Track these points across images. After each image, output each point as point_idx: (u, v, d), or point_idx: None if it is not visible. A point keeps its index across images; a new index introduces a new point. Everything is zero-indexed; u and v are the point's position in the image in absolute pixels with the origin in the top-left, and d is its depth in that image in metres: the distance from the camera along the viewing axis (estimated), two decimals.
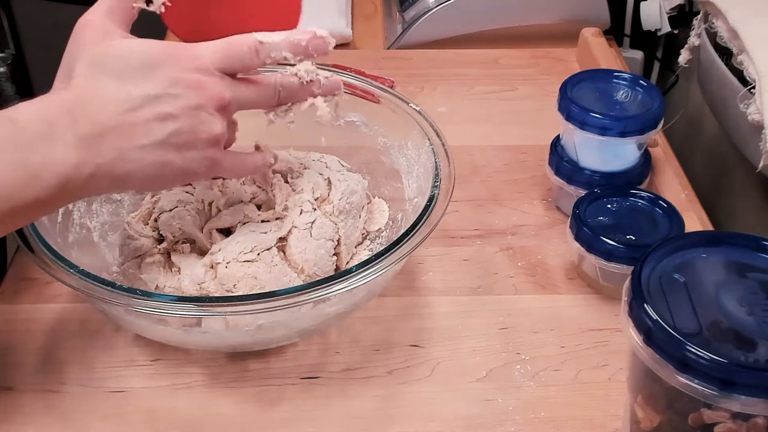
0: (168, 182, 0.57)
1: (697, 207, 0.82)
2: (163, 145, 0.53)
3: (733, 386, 0.45)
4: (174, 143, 0.53)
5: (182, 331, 0.61)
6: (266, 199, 0.70)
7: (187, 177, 0.56)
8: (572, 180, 0.78)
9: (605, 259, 0.68)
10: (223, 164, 0.58)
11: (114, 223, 0.72)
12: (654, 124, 0.75)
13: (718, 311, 0.49)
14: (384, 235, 0.73)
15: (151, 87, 0.52)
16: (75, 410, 0.62)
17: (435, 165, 0.67)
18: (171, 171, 0.54)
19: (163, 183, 0.57)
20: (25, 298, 0.71)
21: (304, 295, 0.56)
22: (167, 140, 0.53)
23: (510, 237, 0.79)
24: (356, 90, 0.76)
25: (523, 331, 0.69)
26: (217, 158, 0.57)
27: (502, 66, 1.05)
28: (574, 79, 0.79)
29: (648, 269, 0.52)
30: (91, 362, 0.66)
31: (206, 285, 0.64)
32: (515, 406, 0.63)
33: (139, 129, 0.52)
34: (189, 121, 0.53)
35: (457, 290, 0.73)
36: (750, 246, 0.54)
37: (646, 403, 0.53)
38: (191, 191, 0.70)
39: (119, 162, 0.52)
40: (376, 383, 0.65)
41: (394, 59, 1.06)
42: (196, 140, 0.54)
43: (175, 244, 0.68)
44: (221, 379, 0.65)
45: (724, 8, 0.81)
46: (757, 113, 0.73)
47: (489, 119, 0.95)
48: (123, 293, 0.56)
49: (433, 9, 1.08)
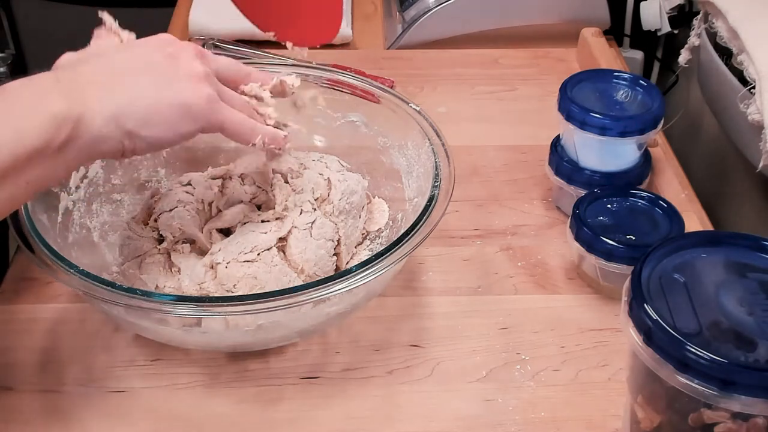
0: (169, 117, 0.55)
1: (697, 207, 0.82)
2: (145, 75, 0.55)
3: (733, 386, 0.45)
4: (156, 75, 0.55)
5: (182, 331, 0.61)
6: (266, 199, 0.70)
7: (188, 110, 0.56)
8: (572, 180, 0.78)
9: (605, 259, 0.68)
10: (224, 107, 0.58)
11: (114, 223, 0.72)
12: (654, 124, 0.75)
13: (718, 311, 0.49)
14: (384, 235, 0.73)
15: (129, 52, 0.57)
16: (75, 410, 0.62)
17: (435, 165, 0.67)
18: (167, 102, 0.55)
19: (164, 118, 0.55)
20: (25, 298, 0.71)
21: (304, 295, 0.56)
22: (148, 72, 0.55)
23: (510, 237, 0.79)
24: (356, 90, 0.76)
25: (523, 331, 0.69)
26: (215, 95, 0.58)
27: (502, 66, 1.05)
28: (574, 79, 0.79)
29: (648, 269, 0.52)
30: (91, 362, 0.66)
31: (206, 285, 0.64)
32: (515, 406, 0.63)
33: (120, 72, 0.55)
34: (166, 60, 0.56)
35: (457, 290, 0.73)
36: (750, 246, 0.54)
37: (646, 403, 0.53)
38: (191, 191, 0.70)
39: (107, 97, 0.53)
40: (376, 383, 0.65)
41: (394, 59, 1.06)
42: (178, 73, 0.56)
43: (175, 244, 0.68)
44: (221, 379, 0.65)
45: (724, 8, 0.81)
46: (757, 113, 0.73)
47: (489, 119, 0.95)
48: (123, 293, 0.56)
49: (433, 9, 1.08)
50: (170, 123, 0.56)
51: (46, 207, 0.65)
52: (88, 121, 0.52)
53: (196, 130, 0.57)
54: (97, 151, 0.53)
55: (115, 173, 0.74)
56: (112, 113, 0.53)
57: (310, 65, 0.86)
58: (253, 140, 0.61)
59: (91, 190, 0.71)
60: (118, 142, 0.53)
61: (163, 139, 0.56)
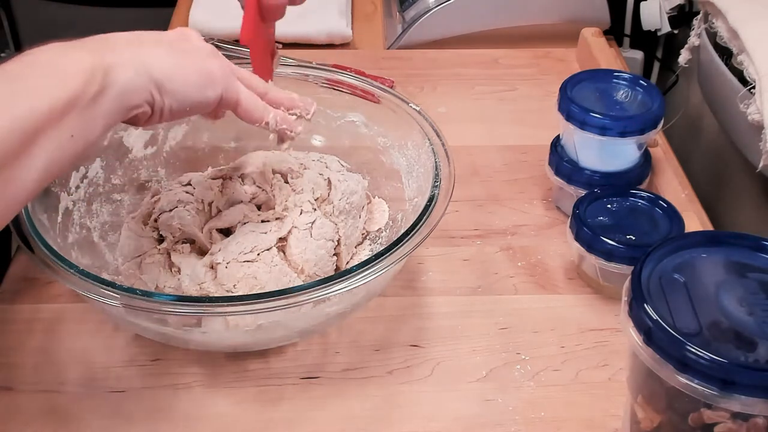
0: (194, 79, 0.56)
1: (697, 207, 0.82)
2: (162, 47, 0.55)
3: (733, 386, 0.45)
4: (173, 48, 0.56)
5: (182, 331, 0.61)
6: (266, 199, 0.70)
7: (210, 76, 0.57)
8: (572, 180, 0.78)
9: (605, 259, 0.68)
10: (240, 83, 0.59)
11: (114, 223, 0.72)
12: (654, 124, 0.75)
13: (718, 311, 0.49)
14: (384, 235, 0.73)
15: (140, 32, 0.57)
16: (75, 410, 0.62)
17: (435, 165, 0.67)
18: (190, 65, 0.56)
19: (190, 78, 0.56)
20: (25, 298, 0.71)
21: (304, 295, 0.56)
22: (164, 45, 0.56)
23: (510, 237, 0.78)
24: (356, 90, 0.76)
25: (523, 331, 0.69)
26: (230, 69, 0.59)
27: (502, 66, 1.05)
28: (574, 79, 0.79)
29: (648, 269, 0.52)
30: (91, 362, 0.66)
31: (206, 285, 0.64)
32: (515, 406, 0.63)
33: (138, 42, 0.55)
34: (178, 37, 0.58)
35: (457, 290, 0.73)
36: (750, 246, 0.54)
37: (647, 403, 0.53)
38: (191, 191, 0.70)
39: (135, 52, 0.54)
40: (376, 383, 0.65)
41: (394, 59, 1.06)
42: (193, 47, 0.57)
43: (175, 244, 0.68)
44: (221, 379, 0.65)
45: (724, 8, 0.81)
46: (757, 113, 0.73)
47: (489, 119, 0.95)
48: (123, 293, 0.56)
49: (433, 9, 1.08)
50: (196, 83, 0.57)
51: (46, 207, 0.65)
52: (119, 71, 0.52)
53: (217, 97, 0.58)
54: (129, 102, 0.53)
55: (115, 173, 0.74)
56: (142, 64, 0.53)
57: (310, 65, 0.86)
58: (266, 119, 0.61)
59: (91, 190, 0.71)
60: (149, 94, 0.54)
61: (191, 98, 0.56)
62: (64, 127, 0.49)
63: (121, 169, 0.75)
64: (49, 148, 0.48)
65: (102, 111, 0.51)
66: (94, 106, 0.50)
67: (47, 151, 0.48)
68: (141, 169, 0.77)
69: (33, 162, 0.47)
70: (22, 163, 0.46)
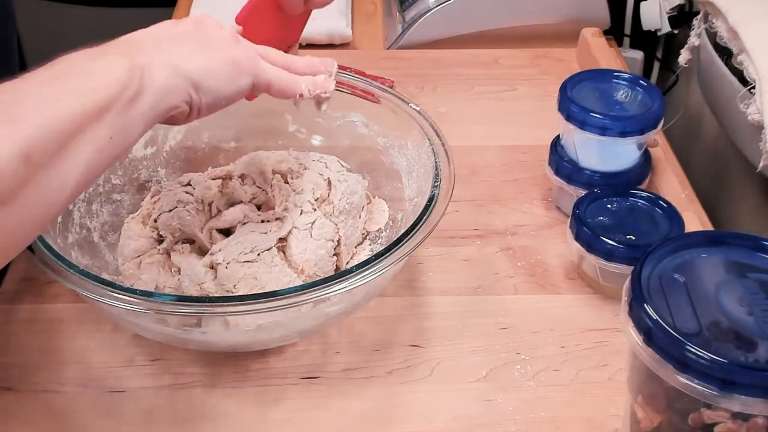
0: (225, 71, 0.56)
1: (697, 207, 0.82)
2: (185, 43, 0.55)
3: (733, 386, 0.45)
4: (195, 42, 0.56)
5: (182, 331, 0.61)
6: (266, 199, 0.70)
7: (239, 65, 0.57)
8: (572, 180, 0.78)
9: (605, 259, 0.68)
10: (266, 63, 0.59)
11: (114, 223, 0.72)
12: (654, 124, 0.75)
13: (718, 311, 0.49)
14: (384, 235, 0.73)
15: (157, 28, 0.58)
16: (75, 410, 0.62)
17: (435, 165, 0.67)
18: (218, 58, 0.56)
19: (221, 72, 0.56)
20: (25, 298, 0.71)
21: (304, 295, 0.56)
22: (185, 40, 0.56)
23: (510, 237, 0.78)
24: (356, 90, 0.76)
25: (523, 331, 0.69)
26: (254, 52, 0.59)
27: (502, 66, 1.05)
28: (574, 79, 0.79)
29: (648, 269, 0.52)
30: (91, 362, 0.66)
31: (206, 285, 0.64)
32: (515, 406, 0.63)
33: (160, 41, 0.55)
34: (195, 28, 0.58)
35: (457, 290, 0.73)
36: (750, 246, 0.54)
37: (646, 403, 0.53)
38: (191, 191, 0.70)
39: (165, 52, 0.54)
40: (376, 383, 0.65)
41: (394, 59, 1.06)
42: (214, 38, 0.57)
43: (175, 244, 0.68)
44: (221, 379, 0.65)
45: (724, 8, 0.81)
46: (757, 113, 0.73)
47: (489, 119, 0.95)
48: (123, 293, 0.56)
49: (433, 9, 1.08)
50: (228, 76, 0.56)
51: None
52: (154, 72, 0.52)
53: (248, 86, 0.58)
54: (167, 103, 0.53)
55: (115, 173, 0.74)
56: (176, 64, 0.53)
57: None
58: (299, 91, 0.61)
59: (91, 190, 0.71)
60: (186, 93, 0.54)
61: (225, 92, 0.56)
62: (103, 129, 0.49)
63: (121, 169, 0.75)
64: (89, 149, 0.48)
65: (140, 112, 0.51)
66: (133, 107, 0.50)
67: (86, 153, 0.48)
68: (141, 169, 0.77)
69: (73, 164, 0.47)
70: (62, 165, 0.46)
